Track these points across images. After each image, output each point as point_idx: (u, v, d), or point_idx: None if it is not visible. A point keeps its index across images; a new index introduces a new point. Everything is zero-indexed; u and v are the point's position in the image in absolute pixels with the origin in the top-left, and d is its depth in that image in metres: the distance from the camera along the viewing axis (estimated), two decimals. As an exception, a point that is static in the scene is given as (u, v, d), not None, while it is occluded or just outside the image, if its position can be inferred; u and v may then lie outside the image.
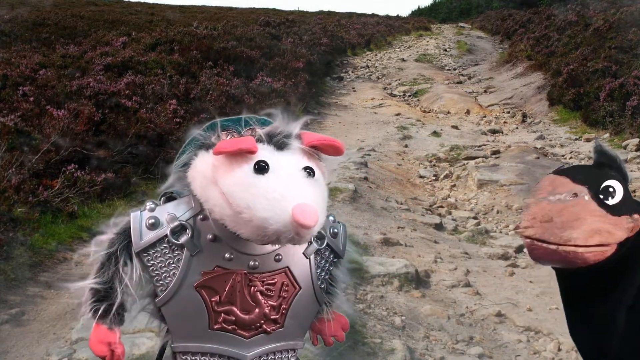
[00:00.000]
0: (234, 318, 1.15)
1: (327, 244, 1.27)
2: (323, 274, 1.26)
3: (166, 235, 1.13)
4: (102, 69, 9.10)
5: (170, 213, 1.14)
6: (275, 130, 1.11)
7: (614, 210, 0.96)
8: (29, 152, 5.25)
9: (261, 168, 1.04)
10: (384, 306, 4.00)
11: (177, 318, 1.15)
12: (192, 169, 1.13)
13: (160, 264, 1.13)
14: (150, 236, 1.13)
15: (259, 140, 1.09)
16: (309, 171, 1.07)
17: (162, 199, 1.19)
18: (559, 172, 1.04)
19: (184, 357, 1.16)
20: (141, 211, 1.15)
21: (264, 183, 1.03)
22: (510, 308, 4.20)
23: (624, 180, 1.01)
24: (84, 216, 5.02)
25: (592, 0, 18.99)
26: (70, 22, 16.01)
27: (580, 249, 0.94)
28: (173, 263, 1.13)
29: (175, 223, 1.13)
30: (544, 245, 0.96)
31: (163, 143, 6.51)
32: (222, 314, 1.15)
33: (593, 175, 1.01)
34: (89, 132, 6.20)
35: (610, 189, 0.98)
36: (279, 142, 1.09)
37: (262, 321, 1.17)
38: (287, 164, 1.06)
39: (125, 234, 1.15)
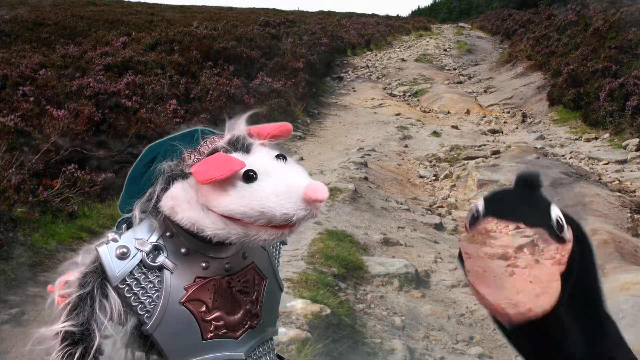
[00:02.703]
0: (223, 323, 1.17)
1: None
2: (276, 261, 1.31)
3: (141, 261, 1.11)
4: (102, 69, 9.11)
5: (138, 238, 1.13)
6: (233, 136, 1.12)
7: (563, 240, 0.85)
8: (29, 152, 5.25)
9: (250, 177, 1.05)
10: (384, 306, 4.00)
11: (171, 339, 1.14)
12: (168, 199, 1.10)
13: (141, 291, 1.12)
14: (124, 266, 1.10)
15: (226, 151, 1.10)
16: (282, 157, 1.11)
17: (122, 226, 1.18)
18: (509, 218, 0.88)
19: None
20: (106, 244, 1.11)
21: (263, 187, 1.05)
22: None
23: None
24: (84, 216, 5.02)
25: (592, 0, 18.99)
26: (70, 22, 16.02)
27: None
28: (154, 287, 1.12)
29: (148, 246, 1.12)
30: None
31: (163, 143, 6.50)
32: (212, 322, 1.16)
33: (536, 209, 0.87)
34: (89, 132, 6.20)
35: (559, 221, 0.85)
36: (244, 146, 1.11)
37: (247, 318, 1.19)
38: (265, 162, 1.09)
39: (97, 272, 1.11)
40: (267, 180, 1.05)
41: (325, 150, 9.07)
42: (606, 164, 8.45)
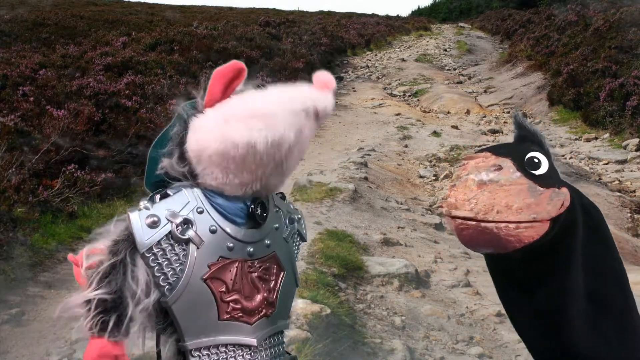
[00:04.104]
0: (240, 306, 1.18)
1: (297, 229, 1.36)
2: (295, 257, 1.35)
3: (169, 232, 1.13)
4: (102, 69, 9.11)
5: (169, 209, 1.14)
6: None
7: (542, 181, 0.92)
8: (29, 152, 5.25)
9: (263, 86, 1.15)
10: (384, 306, 4.00)
11: (187, 314, 1.16)
12: (191, 133, 1.15)
13: (165, 262, 1.14)
14: (153, 235, 1.12)
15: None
16: None
17: (155, 196, 1.19)
18: (481, 150, 1.01)
19: (196, 354, 1.17)
20: (138, 210, 1.14)
21: (278, 89, 1.15)
22: (510, 308, 4.20)
23: (547, 156, 0.98)
24: (84, 216, 5.02)
25: (592, 0, 18.99)
26: (70, 22, 16.02)
27: (512, 225, 0.89)
28: (179, 259, 1.14)
29: (179, 219, 1.13)
30: (474, 223, 0.90)
31: (163, 143, 6.49)
32: (230, 304, 1.17)
33: (516, 148, 0.98)
34: (89, 132, 6.20)
35: (535, 160, 0.94)
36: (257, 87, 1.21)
37: (263, 306, 1.21)
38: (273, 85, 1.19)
39: (128, 240, 1.13)
40: (281, 86, 1.16)
41: (325, 150, 9.07)
42: (606, 164, 8.45)
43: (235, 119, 1.08)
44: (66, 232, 4.68)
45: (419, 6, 56.13)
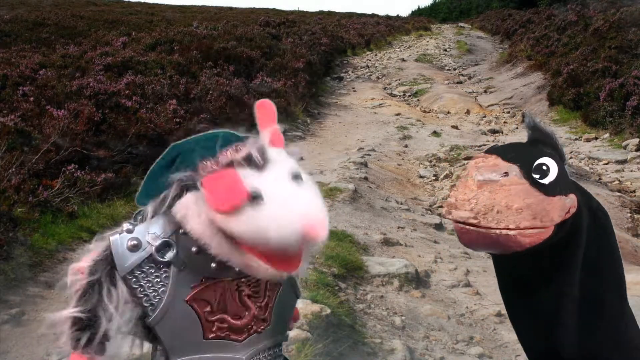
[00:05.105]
0: (226, 325, 1.17)
1: None
2: None
3: (151, 255, 1.12)
4: (102, 69, 9.10)
5: (151, 232, 1.14)
6: (249, 153, 1.08)
7: (548, 190, 0.91)
8: (29, 152, 5.25)
9: (256, 201, 1.03)
10: (384, 306, 4.00)
11: (171, 334, 1.16)
12: (181, 207, 1.10)
13: (147, 284, 1.13)
14: (134, 258, 1.12)
15: (241, 166, 1.07)
16: (298, 177, 1.09)
17: (139, 217, 1.19)
18: (490, 150, 0.98)
19: None
20: (119, 234, 1.14)
21: (266, 214, 1.03)
22: (510, 308, 4.19)
23: (560, 158, 0.95)
24: (84, 216, 5.02)
25: (592, 0, 18.98)
26: (70, 22, 16.03)
27: (512, 232, 0.88)
28: (161, 281, 1.14)
29: (159, 241, 1.13)
30: (474, 229, 0.90)
31: (163, 143, 6.46)
32: (216, 323, 1.16)
33: (525, 152, 0.96)
34: (89, 132, 6.19)
35: (544, 167, 0.92)
36: (259, 164, 1.08)
37: (253, 323, 1.19)
38: (275, 184, 1.06)
39: (107, 260, 1.13)
40: (272, 206, 1.03)
41: (325, 150, 9.07)
42: (606, 164, 8.45)
43: (220, 239, 1.06)
44: (66, 232, 4.68)
45: (419, 6, 56.18)
